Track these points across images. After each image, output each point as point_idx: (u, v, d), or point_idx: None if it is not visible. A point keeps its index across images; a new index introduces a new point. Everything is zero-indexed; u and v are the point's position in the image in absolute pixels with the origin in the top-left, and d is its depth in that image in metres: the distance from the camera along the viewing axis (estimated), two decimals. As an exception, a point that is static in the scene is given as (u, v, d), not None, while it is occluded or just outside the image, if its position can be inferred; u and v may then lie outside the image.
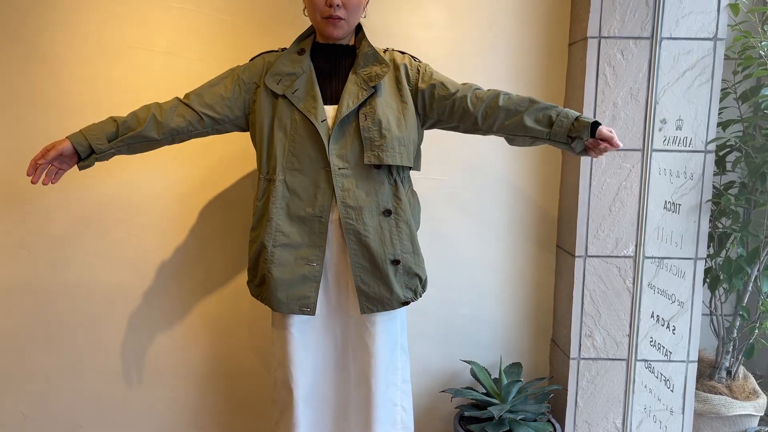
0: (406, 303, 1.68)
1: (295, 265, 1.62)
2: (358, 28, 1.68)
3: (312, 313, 1.63)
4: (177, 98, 1.64)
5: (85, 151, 1.55)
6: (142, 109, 1.62)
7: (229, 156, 2.09)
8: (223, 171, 2.11)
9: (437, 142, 1.96)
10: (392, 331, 1.72)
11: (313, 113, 1.59)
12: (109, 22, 2.02)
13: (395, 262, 1.63)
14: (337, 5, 1.55)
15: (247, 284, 1.75)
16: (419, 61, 1.71)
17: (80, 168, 1.58)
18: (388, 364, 1.71)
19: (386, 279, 1.62)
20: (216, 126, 1.66)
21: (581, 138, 1.51)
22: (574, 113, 1.54)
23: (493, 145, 2.11)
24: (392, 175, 1.64)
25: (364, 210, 1.60)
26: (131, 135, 1.58)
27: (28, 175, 1.51)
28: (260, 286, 1.68)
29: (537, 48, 2.09)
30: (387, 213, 1.63)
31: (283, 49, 1.70)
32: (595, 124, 1.49)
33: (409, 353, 1.84)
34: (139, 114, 1.60)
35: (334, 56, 1.66)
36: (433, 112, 1.67)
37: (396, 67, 1.66)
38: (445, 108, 1.65)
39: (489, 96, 1.62)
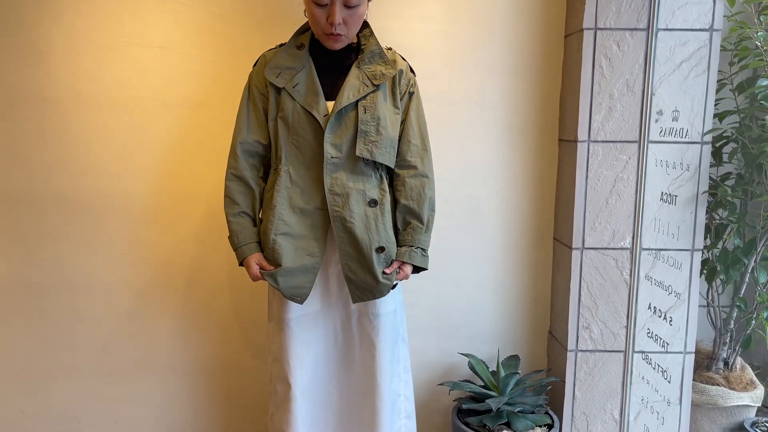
0: (393, 287, 1.68)
1: (296, 255, 1.64)
2: (364, 25, 1.68)
3: (301, 302, 1.65)
4: (252, 177, 1.71)
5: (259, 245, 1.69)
6: (240, 196, 1.71)
7: (227, 150, 2.08)
8: (222, 166, 2.10)
9: (432, 136, 1.95)
10: (394, 324, 1.74)
11: (316, 108, 1.60)
12: (105, 18, 2.01)
13: (380, 249, 1.64)
14: (339, 23, 1.54)
15: None
16: (414, 74, 1.73)
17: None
18: (392, 357, 1.73)
19: (371, 266, 1.62)
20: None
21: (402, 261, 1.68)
22: (418, 253, 1.69)
23: (488, 138, 2.11)
24: (378, 169, 1.67)
25: (350, 198, 1.62)
26: (255, 208, 1.72)
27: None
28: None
29: (533, 40, 2.08)
30: (373, 203, 1.65)
31: (281, 45, 1.70)
32: (416, 269, 1.71)
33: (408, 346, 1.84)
34: (247, 202, 1.71)
35: (334, 52, 1.65)
36: None
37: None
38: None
39: (409, 187, 1.69)
